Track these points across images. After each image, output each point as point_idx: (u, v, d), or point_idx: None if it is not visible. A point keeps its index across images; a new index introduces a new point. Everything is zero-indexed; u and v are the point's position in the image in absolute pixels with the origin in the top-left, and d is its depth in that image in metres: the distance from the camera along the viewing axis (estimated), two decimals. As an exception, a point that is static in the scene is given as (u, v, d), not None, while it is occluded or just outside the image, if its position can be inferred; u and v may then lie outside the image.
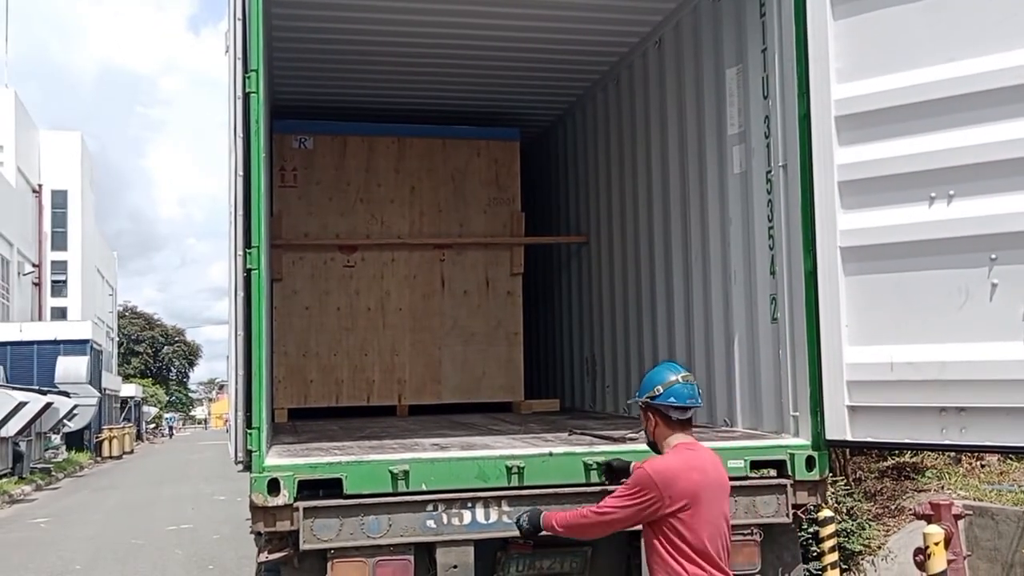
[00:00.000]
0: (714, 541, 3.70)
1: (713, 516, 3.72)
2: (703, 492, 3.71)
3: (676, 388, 3.89)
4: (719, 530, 3.74)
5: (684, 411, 3.90)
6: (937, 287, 4.48)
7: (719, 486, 3.82)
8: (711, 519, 3.71)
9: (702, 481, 3.73)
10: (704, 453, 3.91)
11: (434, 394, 8.73)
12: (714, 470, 3.84)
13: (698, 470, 3.76)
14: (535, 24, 7.11)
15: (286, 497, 4.31)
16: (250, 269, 4.49)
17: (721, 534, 3.74)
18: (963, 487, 9.28)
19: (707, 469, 3.80)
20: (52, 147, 42.18)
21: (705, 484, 3.73)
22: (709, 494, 3.73)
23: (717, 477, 3.83)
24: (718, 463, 3.91)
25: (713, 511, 3.73)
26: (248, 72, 4.51)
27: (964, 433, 4.41)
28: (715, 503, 3.75)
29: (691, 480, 3.71)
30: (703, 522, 3.68)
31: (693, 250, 6.54)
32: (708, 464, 3.84)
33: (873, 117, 4.66)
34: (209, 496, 17.16)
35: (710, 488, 3.75)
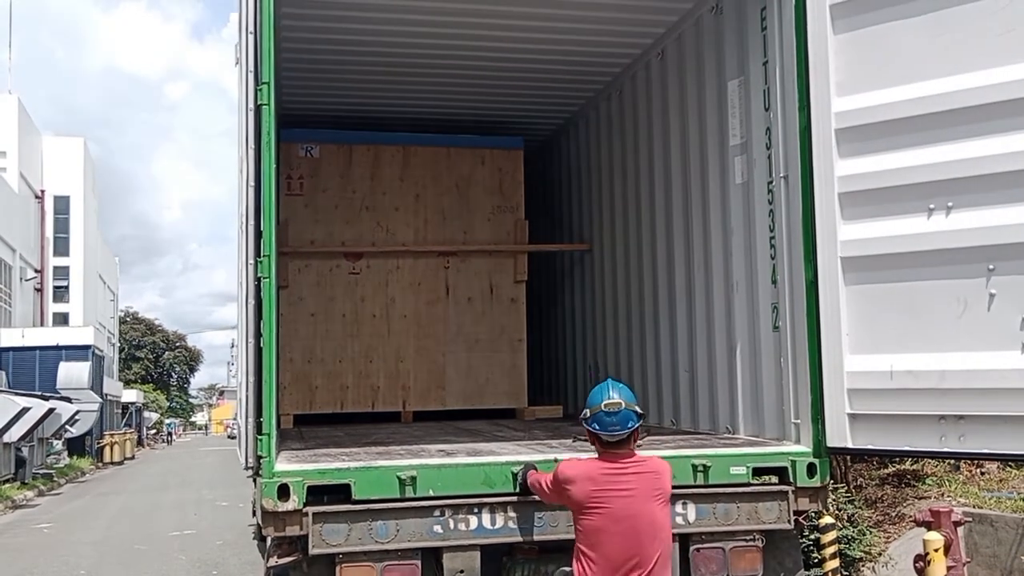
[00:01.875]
0: (623, 553, 3.79)
1: (621, 529, 3.82)
2: (603, 505, 3.85)
3: (599, 416, 3.97)
4: (633, 544, 3.80)
5: (612, 437, 3.95)
6: (936, 297, 4.56)
7: (639, 501, 3.87)
8: (618, 531, 3.81)
9: (601, 494, 3.85)
10: (628, 470, 3.93)
11: (438, 400, 8.79)
12: (638, 482, 3.90)
13: (597, 482, 3.88)
14: (539, 35, 7.19)
15: (295, 502, 4.39)
16: (261, 278, 4.57)
17: (637, 550, 3.80)
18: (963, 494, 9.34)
19: (617, 484, 3.88)
20: (55, 153, 42.28)
21: (607, 498, 3.85)
22: (615, 508, 3.84)
23: (635, 492, 3.88)
24: (645, 479, 3.93)
25: (621, 526, 3.82)
26: (260, 85, 4.59)
27: (963, 441, 4.48)
28: (626, 519, 3.83)
29: (585, 490, 3.89)
30: (601, 532, 3.83)
31: (695, 258, 6.62)
32: (623, 480, 3.89)
33: (873, 130, 4.74)
34: (211, 502, 17.20)
35: (616, 503, 3.84)
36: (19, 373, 28.84)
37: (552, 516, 4.62)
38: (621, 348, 8.02)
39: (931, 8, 4.57)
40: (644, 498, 3.90)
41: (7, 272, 33.99)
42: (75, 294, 43.22)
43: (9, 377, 27.77)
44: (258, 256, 4.60)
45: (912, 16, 4.62)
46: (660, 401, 7.23)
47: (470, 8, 6.73)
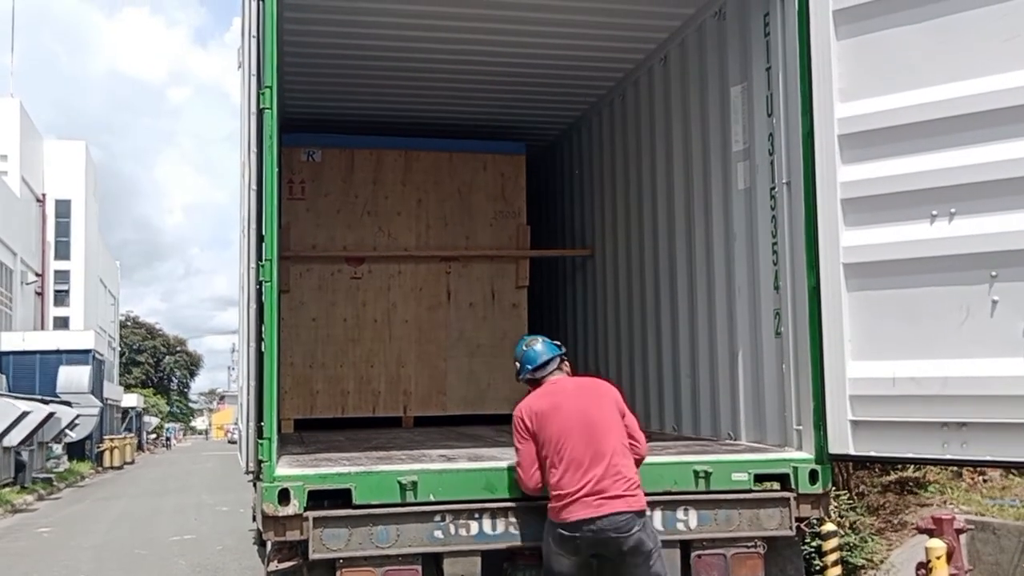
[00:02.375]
0: (582, 450, 4.28)
1: (571, 425, 4.34)
2: (556, 409, 4.42)
3: (525, 356, 4.74)
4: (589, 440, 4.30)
5: (541, 368, 4.67)
6: (939, 303, 4.55)
7: (584, 399, 4.48)
8: (568, 428, 4.34)
9: (553, 401, 4.47)
10: (568, 386, 4.60)
11: (439, 405, 8.79)
12: (575, 388, 4.58)
13: (549, 395, 4.53)
14: (541, 40, 7.19)
15: (296, 507, 4.38)
16: (262, 282, 4.56)
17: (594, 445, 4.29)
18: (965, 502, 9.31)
19: (564, 390, 4.54)
20: (56, 157, 42.34)
21: (557, 403, 4.46)
22: (565, 408, 4.42)
23: (580, 390, 4.56)
24: (586, 387, 4.63)
25: (570, 420, 4.36)
26: (262, 89, 4.59)
27: (965, 448, 4.47)
28: (577, 421, 4.36)
29: (541, 404, 4.49)
30: (558, 433, 4.34)
31: (697, 264, 6.61)
32: (569, 388, 4.57)
33: (876, 136, 4.73)
34: (212, 507, 17.18)
35: (566, 403, 4.44)
36: (19, 377, 28.82)
37: (553, 522, 4.61)
38: (623, 353, 8.01)
39: (935, 14, 4.57)
40: (589, 400, 4.49)
41: (8, 276, 34.01)
42: (76, 298, 43.24)
43: (9, 381, 27.77)
44: (260, 260, 4.60)
45: (916, 22, 4.61)
46: (662, 407, 7.22)
47: (472, 13, 6.73)
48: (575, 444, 4.30)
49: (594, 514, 4.18)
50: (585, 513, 4.19)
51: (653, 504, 4.71)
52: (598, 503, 4.19)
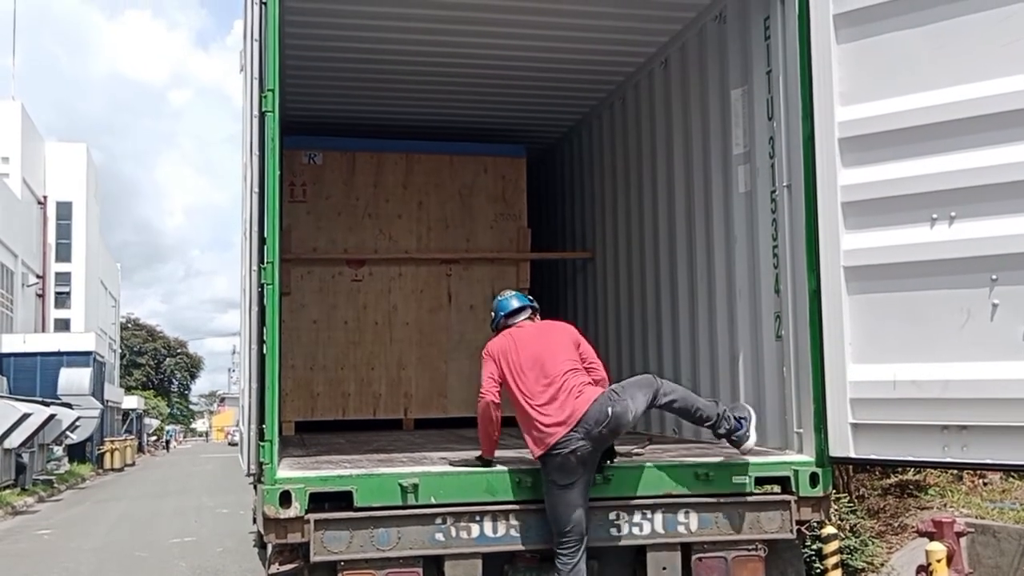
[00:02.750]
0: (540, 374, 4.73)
1: (529, 358, 4.80)
2: (517, 344, 4.87)
3: (499, 305, 5.20)
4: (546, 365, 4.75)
5: (515, 314, 5.12)
6: (939, 307, 4.56)
7: (542, 335, 4.96)
8: (531, 360, 4.78)
9: (515, 338, 4.92)
10: (530, 328, 5.05)
11: (440, 408, 8.79)
12: (535, 329, 5.05)
13: (513, 335, 4.96)
14: (542, 43, 7.20)
15: (297, 509, 4.39)
16: (264, 284, 4.57)
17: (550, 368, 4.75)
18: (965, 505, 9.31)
19: (526, 331, 4.99)
20: (58, 159, 42.36)
21: (521, 342, 4.89)
22: (525, 344, 4.87)
23: (538, 330, 5.04)
24: (543, 326, 5.12)
25: (529, 354, 4.81)
26: (264, 92, 4.60)
27: (966, 451, 4.48)
28: (535, 350, 4.83)
29: (504, 341, 4.93)
30: (522, 367, 4.77)
31: (698, 267, 6.62)
32: (530, 329, 5.03)
33: (876, 139, 4.74)
34: (212, 509, 17.17)
35: (526, 340, 4.90)
36: (20, 379, 28.82)
37: (554, 524, 4.61)
38: (623, 357, 8.01)
39: (936, 18, 4.58)
40: (545, 335, 4.97)
41: (9, 278, 34.03)
42: (77, 300, 43.23)
43: (10, 383, 27.78)
44: (261, 263, 4.61)
45: (916, 26, 4.62)
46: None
47: (473, 16, 6.74)
48: (534, 376, 4.75)
49: (575, 420, 4.55)
50: (569, 423, 4.56)
51: (654, 507, 4.73)
52: (568, 418, 4.57)
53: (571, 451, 4.50)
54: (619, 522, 4.71)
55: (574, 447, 4.50)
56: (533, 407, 4.69)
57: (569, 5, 6.55)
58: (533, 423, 4.67)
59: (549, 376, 4.73)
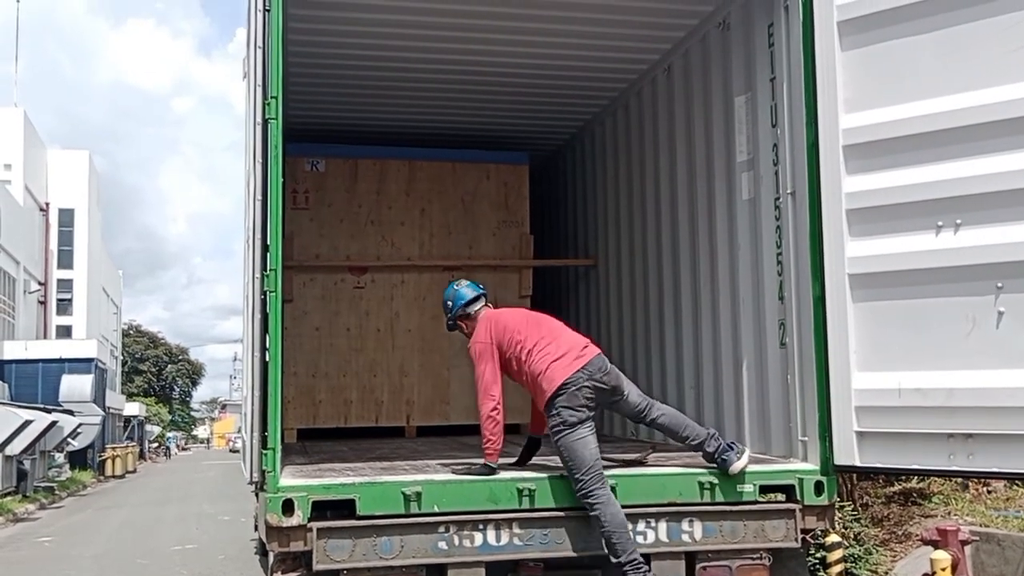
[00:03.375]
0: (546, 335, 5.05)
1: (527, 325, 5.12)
2: (508, 322, 5.14)
3: (458, 293, 5.37)
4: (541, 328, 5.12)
5: (473, 303, 5.33)
6: (944, 314, 4.54)
7: (522, 313, 5.42)
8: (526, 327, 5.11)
9: (500, 319, 5.17)
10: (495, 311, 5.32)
11: (442, 415, 8.77)
12: (510, 311, 5.38)
13: (493, 319, 5.18)
14: (545, 51, 7.20)
15: (300, 517, 4.37)
16: (267, 291, 4.56)
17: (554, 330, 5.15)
18: (970, 513, 9.27)
19: (502, 313, 5.28)
20: (60, 166, 42.40)
21: (509, 316, 5.22)
22: (514, 319, 5.18)
23: (514, 311, 5.42)
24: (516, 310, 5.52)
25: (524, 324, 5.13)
26: (268, 99, 4.60)
27: (972, 459, 4.45)
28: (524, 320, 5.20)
29: (490, 324, 5.13)
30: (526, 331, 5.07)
31: (701, 275, 6.61)
32: (503, 311, 5.33)
33: (881, 146, 4.73)
34: (213, 516, 17.12)
35: (513, 317, 5.23)
36: (22, 386, 28.79)
37: (557, 533, 4.61)
38: (626, 364, 7.98)
39: (940, 25, 4.57)
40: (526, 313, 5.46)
41: (11, 284, 34.05)
42: (78, 307, 43.22)
43: (12, 390, 27.75)
44: (264, 270, 4.60)
45: (921, 33, 4.61)
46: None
47: (476, 24, 6.75)
48: (538, 333, 5.08)
49: (581, 363, 4.92)
50: (576, 364, 4.90)
51: (658, 515, 4.70)
52: (579, 357, 4.95)
53: (578, 387, 4.83)
54: (623, 530, 4.67)
55: (582, 384, 4.84)
56: (542, 351, 4.97)
57: (572, 12, 6.55)
58: (545, 366, 4.92)
59: (553, 333, 5.11)
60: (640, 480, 4.81)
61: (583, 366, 4.89)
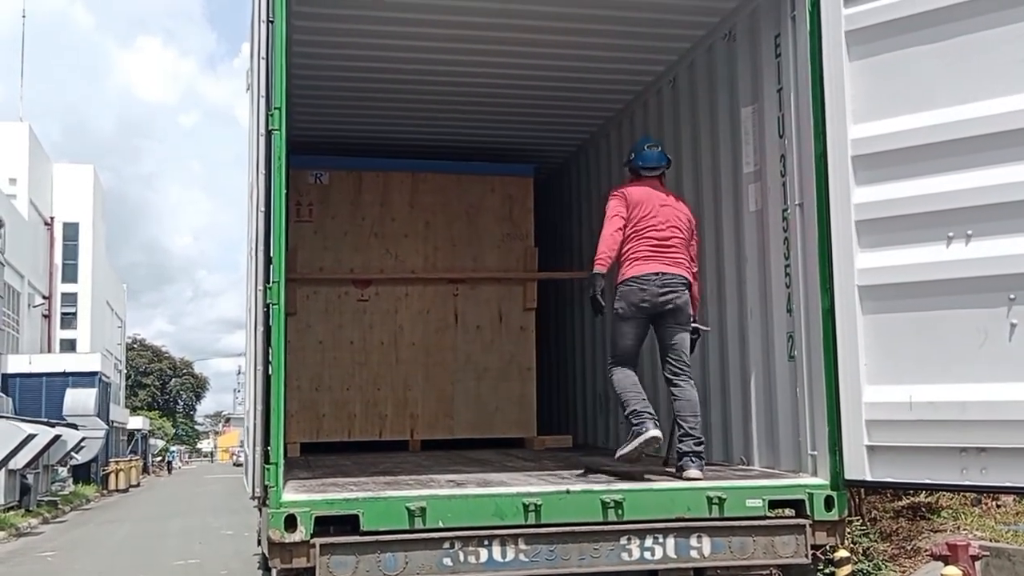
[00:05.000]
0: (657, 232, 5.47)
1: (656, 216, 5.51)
2: (648, 200, 5.54)
3: (643, 153, 5.75)
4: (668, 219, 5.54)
5: (649, 170, 5.71)
6: (956, 327, 4.48)
7: (670, 208, 5.60)
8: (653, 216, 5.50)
9: (648, 194, 5.57)
10: (658, 186, 5.70)
11: (447, 429, 8.71)
12: (665, 196, 5.66)
13: (646, 190, 5.60)
14: (550, 63, 7.18)
15: (303, 533, 4.30)
16: (270, 304, 4.51)
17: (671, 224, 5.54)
18: (979, 527, 9.18)
19: (657, 194, 5.62)
20: (65, 180, 42.49)
21: (650, 197, 5.56)
22: (655, 205, 5.54)
23: (664, 198, 5.64)
24: (672, 199, 5.72)
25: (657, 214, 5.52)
26: (271, 111, 4.56)
27: (985, 474, 4.39)
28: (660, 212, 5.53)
29: (639, 192, 5.58)
30: (647, 216, 5.49)
31: (708, 287, 6.55)
32: (660, 192, 5.66)
33: (890, 157, 4.69)
34: (216, 530, 17.04)
35: (657, 202, 5.56)
36: (26, 399, 28.74)
37: (564, 549, 4.53)
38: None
39: (949, 35, 4.53)
40: (673, 211, 5.61)
41: (15, 298, 34.06)
42: (83, 321, 43.24)
43: (16, 403, 27.70)
44: (267, 283, 4.55)
45: (930, 42, 4.58)
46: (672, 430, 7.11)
47: (481, 36, 6.73)
48: (655, 228, 5.48)
49: (663, 269, 5.42)
50: (658, 267, 5.41)
51: (666, 531, 4.63)
52: (666, 264, 5.43)
53: (641, 287, 5.41)
54: (630, 546, 4.61)
55: (644, 287, 5.40)
56: (644, 236, 5.46)
57: (577, 24, 6.52)
58: (637, 250, 5.47)
59: (667, 240, 5.50)
60: (648, 495, 4.74)
61: (663, 270, 5.42)
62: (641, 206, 5.51)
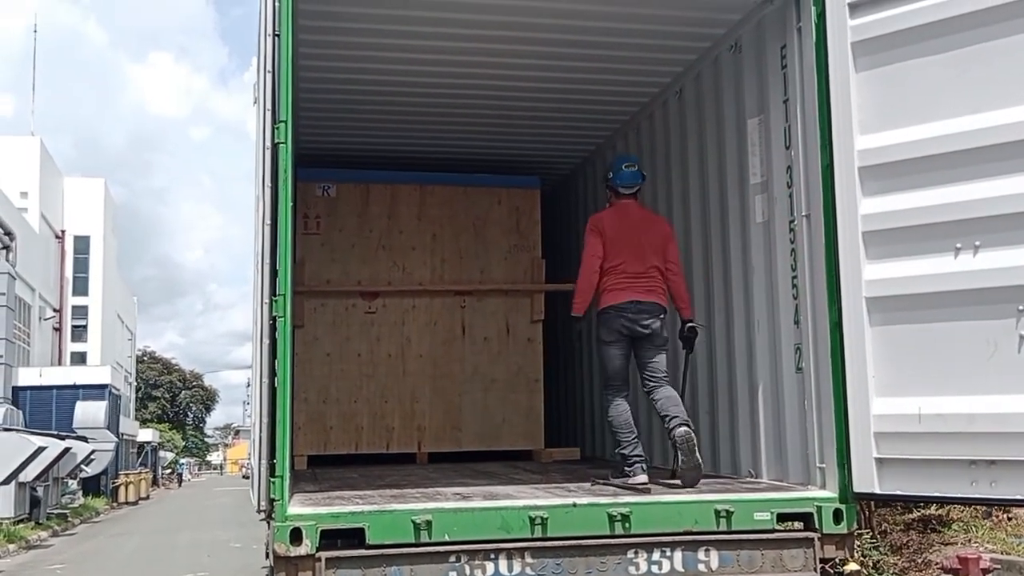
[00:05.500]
0: (631, 256, 5.77)
1: (629, 239, 5.81)
2: (622, 223, 5.86)
3: (621, 172, 6.01)
4: (637, 251, 5.80)
5: (627, 188, 6.00)
6: (965, 338, 4.45)
7: (641, 224, 5.91)
8: (626, 240, 5.80)
9: (621, 218, 5.89)
10: (634, 214, 5.95)
11: (454, 441, 8.69)
12: (639, 216, 5.96)
13: (620, 214, 5.92)
14: (556, 75, 7.19)
15: (308, 547, 4.29)
16: (276, 316, 4.51)
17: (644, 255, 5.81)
18: (990, 540, 9.11)
19: (631, 214, 5.92)
20: (76, 193, 42.73)
21: (623, 220, 5.88)
22: (628, 227, 5.85)
23: (640, 218, 5.95)
24: (645, 212, 6.12)
25: (630, 236, 5.82)
26: (277, 123, 4.57)
27: (995, 486, 4.35)
28: (633, 234, 5.84)
29: (613, 218, 5.92)
30: (617, 243, 5.79)
31: (715, 298, 6.53)
32: (634, 212, 5.95)
33: (897, 168, 4.66)
34: (225, 543, 17.03)
35: (630, 223, 5.87)
36: (36, 412, 28.83)
37: (570, 563, 4.51)
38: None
39: (956, 45, 4.52)
40: (646, 227, 5.93)
41: (26, 311, 34.20)
42: (93, 333, 43.39)
43: (26, 416, 27.77)
44: (274, 295, 4.55)
45: (937, 53, 4.56)
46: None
47: (488, 48, 6.74)
48: (629, 253, 5.77)
49: (638, 297, 5.71)
50: (633, 296, 5.71)
51: (674, 544, 4.60)
52: (641, 293, 5.73)
53: (621, 314, 5.68)
54: (637, 560, 4.59)
55: (624, 313, 5.69)
56: (619, 271, 5.75)
57: (583, 36, 6.53)
58: (613, 282, 5.76)
59: (641, 261, 5.79)
60: (655, 508, 4.71)
61: (637, 299, 5.70)
62: (616, 242, 5.81)
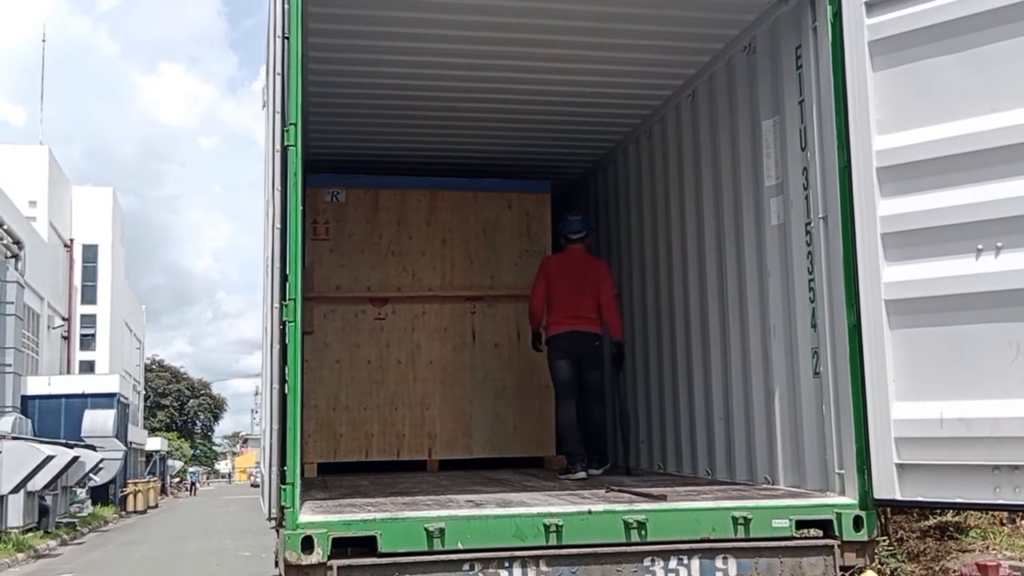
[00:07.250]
0: (569, 294, 7.28)
1: (568, 282, 7.33)
2: (566, 267, 7.39)
3: (567, 221, 7.51)
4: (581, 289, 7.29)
5: (574, 233, 7.48)
6: (987, 341, 4.37)
7: (583, 267, 7.40)
8: (566, 282, 7.33)
9: (566, 262, 7.46)
10: (579, 253, 7.51)
11: (465, 448, 8.61)
12: (581, 261, 7.45)
13: (566, 258, 7.50)
14: (567, 78, 7.13)
15: (320, 555, 4.22)
16: (286, 322, 4.45)
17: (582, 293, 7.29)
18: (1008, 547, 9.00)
19: (574, 259, 7.45)
20: (84, 202, 42.86)
21: (567, 264, 7.42)
22: (570, 271, 7.35)
23: (581, 262, 7.45)
24: (588, 257, 7.60)
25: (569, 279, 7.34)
26: (287, 126, 4.52)
27: (1019, 492, 4.26)
28: (573, 276, 7.34)
29: (559, 262, 7.52)
30: (559, 286, 7.34)
31: (730, 303, 6.46)
32: (578, 258, 7.46)
33: (916, 168, 4.59)
34: (234, 552, 16.99)
35: (572, 268, 7.36)
36: (45, 421, 28.83)
37: (586, 571, 4.43)
38: (652, 394, 7.83)
39: (975, 44, 4.45)
40: (586, 273, 7.37)
41: (35, 320, 34.24)
42: (102, 342, 43.48)
43: (35, 425, 27.77)
44: (283, 300, 4.49)
45: (955, 52, 4.49)
46: (694, 450, 7.01)
47: (497, 51, 6.68)
48: (567, 291, 7.27)
49: (576, 328, 7.23)
50: (572, 327, 7.23)
51: (691, 552, 4.53)
52: (574, 323, 7.23)
53: (564, 339, 7.27)
54: (654, 567, 4.51)
55: (566, 339, 7.27)
56: (560, 308, 7.26)
57: (594, 39, 6.47)
58: (556, 316, 7.30)
59: (577, 298, 7.24)
60: (672, 515, 4.63)
61: (572, 331, 7.21)
62: (559, 283, 7.31)
